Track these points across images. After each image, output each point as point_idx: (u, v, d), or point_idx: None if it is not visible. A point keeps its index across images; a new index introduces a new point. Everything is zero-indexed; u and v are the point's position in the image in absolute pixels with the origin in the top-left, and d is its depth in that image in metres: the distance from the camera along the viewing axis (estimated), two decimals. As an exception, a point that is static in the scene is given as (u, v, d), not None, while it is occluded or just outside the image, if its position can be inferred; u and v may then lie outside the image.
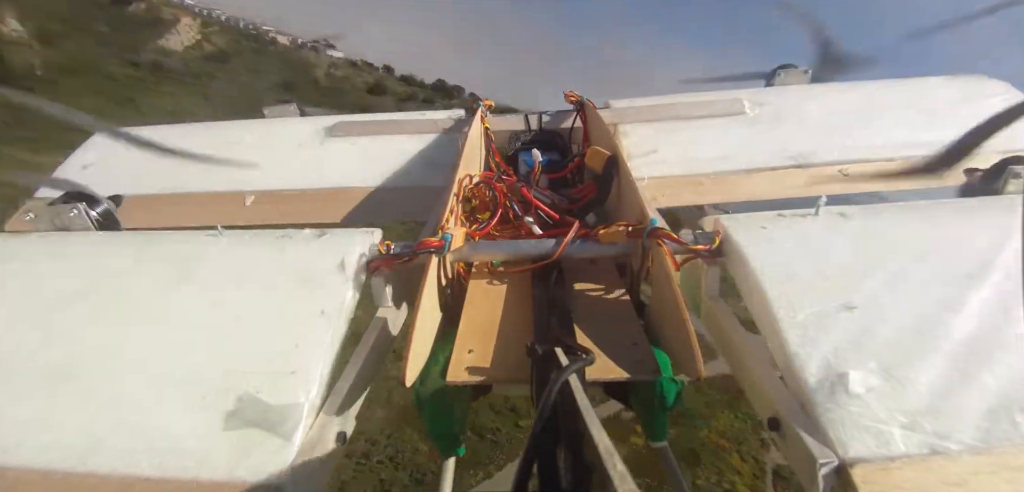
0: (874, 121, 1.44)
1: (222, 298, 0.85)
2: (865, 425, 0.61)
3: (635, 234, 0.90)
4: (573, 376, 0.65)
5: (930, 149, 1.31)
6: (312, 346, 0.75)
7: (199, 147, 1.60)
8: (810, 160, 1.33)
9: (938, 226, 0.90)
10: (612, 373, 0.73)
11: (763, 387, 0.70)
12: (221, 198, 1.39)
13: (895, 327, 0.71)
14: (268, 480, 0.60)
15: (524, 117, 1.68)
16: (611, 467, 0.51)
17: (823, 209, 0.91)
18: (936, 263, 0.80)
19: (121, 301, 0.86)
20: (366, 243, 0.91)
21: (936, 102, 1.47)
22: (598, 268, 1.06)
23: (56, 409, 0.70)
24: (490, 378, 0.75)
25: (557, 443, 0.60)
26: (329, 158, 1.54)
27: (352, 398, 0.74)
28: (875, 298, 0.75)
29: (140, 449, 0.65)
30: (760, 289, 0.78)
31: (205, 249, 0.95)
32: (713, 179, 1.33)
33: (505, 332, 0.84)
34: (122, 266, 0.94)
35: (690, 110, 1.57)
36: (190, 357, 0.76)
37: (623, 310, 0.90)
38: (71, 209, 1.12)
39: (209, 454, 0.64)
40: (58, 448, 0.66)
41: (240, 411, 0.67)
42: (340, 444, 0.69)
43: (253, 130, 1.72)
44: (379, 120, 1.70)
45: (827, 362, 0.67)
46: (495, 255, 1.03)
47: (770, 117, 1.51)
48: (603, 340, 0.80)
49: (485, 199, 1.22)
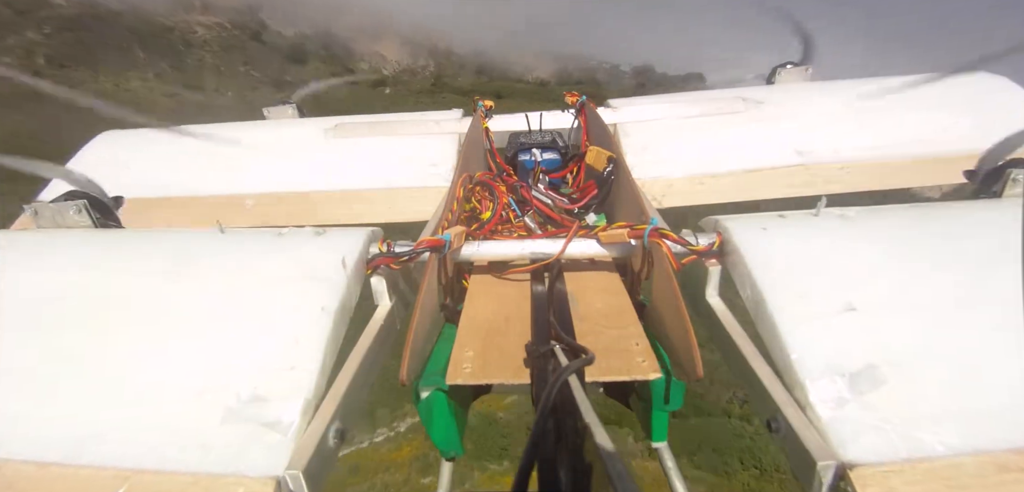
0: (875, 119, 1.44)
1: (222, 295, 0.85)
2: (865, 427, 0.61)
3: (635, 234, 0.90)
4: (573, 376, 0.65)
5: (931, 147, 1.31)
6: (312, 343, 0.75)
7: (200, 148, 1.60)
8: (811, 159, 1.33)
9: (939, 229, 0.90)
10: (612, 373, 0.73)
11: (763, 388, 0.70)
12: (222, 199, 1.40)
13: (896, 329, 0.71)
14: (266, 475, 0.61)
15: (524, 117, 1.69)
16: (611, 467, 0.51)
17: (824, 210, 0.91)
18: (937, 266, 0.80)
19: (121, 297, 0.86)
20: (366, 242, 0.92)
21: (937, 99, 1.47)
22: (598, 268, 1.06)
23: (55, 403, 0.71)
24: (490, 378, 0.75)
25: (557, 443, 0.60)
26: (329, 159, 1.54)
27: (351, 395, 0.74)
28: (876, 300, 0.75)
29: (139, 442, 0.65)
30: (760, 289, 0.78)
31: (206, 247, 0.95)
32: (713, 179, 1.33)
33: (505, 332, 0.84)
34: (123, 263, 0.94)
35: (690, 110, 1.57)
36: (190, 352, 0.76)
37: (623, 310, 0.90)
38: (73, 208, 1.13)
39: (208, 448, 0.64)
40: (56, 441, 0.66)
41: (239, 406, 0.68)
42: (338, 440, 0.69)
43: (254, 131, 1.73)
44: (379, 121, 1.70)
45: (827, 363, 0.67)
46: (495, 255, 1.03)
47: (771, 116, 1.51)
48: (603, 340, 0.80)
49: (485, 199, 1.22)
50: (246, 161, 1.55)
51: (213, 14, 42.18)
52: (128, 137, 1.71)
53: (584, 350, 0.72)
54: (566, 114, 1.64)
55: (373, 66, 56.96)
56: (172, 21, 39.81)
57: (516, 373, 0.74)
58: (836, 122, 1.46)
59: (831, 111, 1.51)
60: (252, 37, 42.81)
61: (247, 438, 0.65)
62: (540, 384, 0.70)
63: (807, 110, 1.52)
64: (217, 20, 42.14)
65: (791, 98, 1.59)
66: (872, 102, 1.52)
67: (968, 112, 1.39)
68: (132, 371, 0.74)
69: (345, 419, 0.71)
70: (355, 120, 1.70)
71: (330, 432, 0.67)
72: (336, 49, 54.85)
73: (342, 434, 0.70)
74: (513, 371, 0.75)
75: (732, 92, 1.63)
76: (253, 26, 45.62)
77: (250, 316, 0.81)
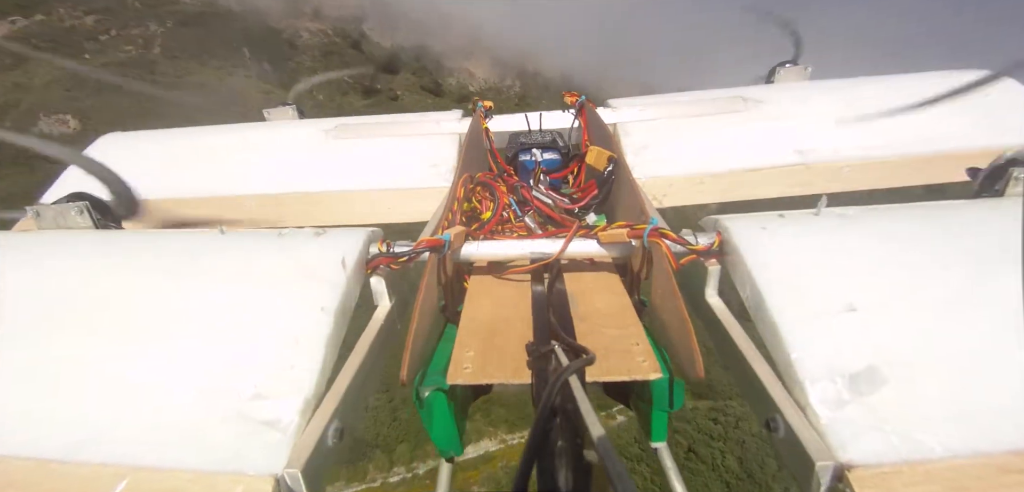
0: (875, 118, 1.44)
1: (223, 294, 0.85)
2: (864, 428, 0.60)
3: (635, 234, 0.90)
4: (573, 376, 0.65)
5: (931, 146, 1.31)
6: (311, 343, 0.75)
7: (202, 150, 1.61)
8: (811, 158, 1.33)
9: (939, 228, 0.89)
10: (612, 373, 0.73)
11: (762, 388, 0.70)
12: (223, 200, 1.40)
13: (896, 330, 0.71)
14: (265, 473, 0.61)
15: (524, 117, 1.69)
16: (611, 467, 0.51)
17: (824, 210, 0.91)
18: (937, 265, 0.80)
19: (122, 298, 0.86)
20: (366, 242, 0.92)
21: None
22: (598, 268, 1.06)
23: (56, 401, 0.71)
24: (490, 378, 0.75)
25: (557, 443, 0.60)
26: (330, 160, 1.54)
27: (351, 395, 0.74)
28: (876, 300, 0.75)
29: (140, 441, 0.65)
30: (760, 289, 0.78)
31: (206, 247, 0.95)
32: (713, 178, 1.33)
33: (505, 332, 0.84)
34: (124, 263, 0.94)
35: (690, 109, 1.57)
36: (190, 351, 0.76)
37: (623, 310, 0.90)
38: (75, 210, 1.13)
39: (207, 446, 0.64)
40: (57, 439, 0.66)
41: (239, 405, 0.68)
42: (338, 440, 0.69)
43: (254, 132, 1.73)
44: (379, 122, 1.71)
45: (827, 364, 0.67)
46: (495, 255, 1.03)
47: (771, 115, 1.51)
48: (603, 340, 0.80)
49: (485, 199, 1.22)
50: (247, 162, 1.55)
51: (320, 21, 44.36)
52: (130, 139, 1.72)
53: (584, 350, 0.72)
54: (566, 114, 1.64)
55: (460, 82, 58.25)
56: (282, 24, 41.92)
57: (516, 373, 0.74)
58: (837, 120, 1.45)
59: (831, 110, 1.50)
60: (352, 45, 44.50)
61: (246, 436, 0.65)
62: (540, 384, 0.70)
63: (807, 109, 1.52)
64: (322, 27, 44.41)
65: (791, 97, 1.59)
66: (872, 100, 1.52)
67: (968, 110, 1.39)
68: (133, 370, 0.74)
69: (344, 419, 0.71)
70: (355, 121, 1.70)
71: (329, 432, 0.68)
72: (427, 62, 55.93)
73: (341, 433, 0.70)
74: (513, 371, 0.75)
75: (732, 92, 1.63)
76: (354, 35, 47.07)
77: (250, 316, 0.81)
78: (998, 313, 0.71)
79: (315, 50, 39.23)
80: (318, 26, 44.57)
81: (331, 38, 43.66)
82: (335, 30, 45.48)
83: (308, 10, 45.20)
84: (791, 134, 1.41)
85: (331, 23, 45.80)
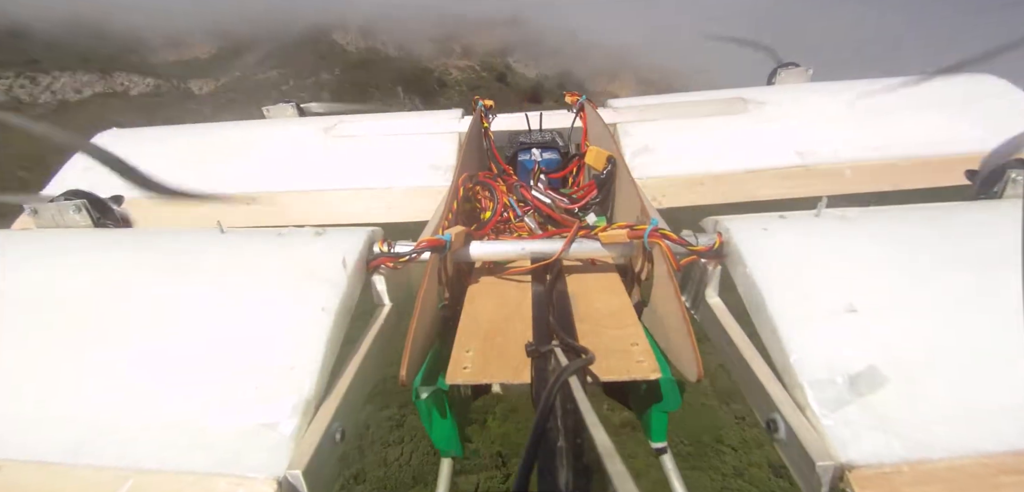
0: (875, 120, 1.44)
1: (223, 294, 0.85)
2: (864, 428, 0.60)
3: (635, 234, 0.90)
4: (573, 376, 0.65)
5: (931, 147, 1.31)
6: (312, 342, 0.75)
7: (201, 148, 1.60)
8: (811, 159, 1.33)
9: (939, 229, 0.90)
10: (612, 373, 0.73)
11: (762, 388, 0.70)
12: (223, 198, 1.40)
13: (896, 330, 0.71)
14: (267, 475, 0.61)
15: (524, 117, 1.69)
16: (611, 467, 0.51)
17: (824, 211, 0.91)
18: (937, 267, 0.80)
19: (122, 297, 0.86)
20: (366, 242, 0.92)
21: (937, 100, 1.47)
22: (598, 268, 1.06)
23: (57, 402, 0.71)
24: (489, 378, 0.75)
25: (557, 443, 0.60)
26: (329, 159, 1.54)
27: (351, 395, 0.74)
28: (876, 301, 0.75)
29: (140, 442, 0.65)
30: (760, 290, 0.78)
31: (206, 247, 0.95)
32: (713, 179, 1.33)
33: (505, 332, 0.84)
34: (123, 263, 0.94)
35: (690, 110, 1.57)
36: (190, 352, 0.76)
37: (623, 310, 0.90)
38: (73, 207, 1.13)
39: (209, 448, 0.64)
40: (57, 441, 0.66)
41: (240, 406, 0.68)
42: (339, 440, 0.69)
43: (254, 131, 1.73)
44: (379, 121, 1.70)
45: (827, 365, 0.67)
46: (495, 255, 1.03)
47: (771, 116, 1.51)
48: (603, 340, 0.80)
49: (485, 199, 1.22)
50: (246, 160, 1.55)
51: (469, 57, 46.68)
52: (129, 136, 1.72)
53: (584, 350, 0.72)
54: (566, 114, 1.64)
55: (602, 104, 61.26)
56: (433, 65, 44.27)
57: (516, 373, 0.74)
58: (836, 122, 1.46)
59: (831, 111, 1.51)
60: (497, 78, 46.46)
61: (248, 438, 0.65)
62: (540, 384, 0.70)
63: (807, 110, 1.52)
64: (470, 63, 46.87)
65: (791, 98, 1.59)
66: (872, 102, 1.52)
67: (968, 113, 1.39)
68: (133, 371, 0.74)
69: (345, 419, 0.71)
70: (355, 120, 1.70)
71: (331, 432, 0.67)
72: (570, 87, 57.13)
73: (343, 434, 0.70)
74: (513, 371, 0.75)
75: (732, 92, 1.63)
76: (500, 68, 48.64)
77: (250, 316, 0.81)
78: (998, 313, 0.71)
79: (463, 85, 41.19)
80: (466, 62, 47.03)
81: (479, 73, 45.76)
82: (482, 65, 47.55)
83: (458, 49, 47.72)
84: (791, 135, 1.42)
85: (479, 59, 48.11)
